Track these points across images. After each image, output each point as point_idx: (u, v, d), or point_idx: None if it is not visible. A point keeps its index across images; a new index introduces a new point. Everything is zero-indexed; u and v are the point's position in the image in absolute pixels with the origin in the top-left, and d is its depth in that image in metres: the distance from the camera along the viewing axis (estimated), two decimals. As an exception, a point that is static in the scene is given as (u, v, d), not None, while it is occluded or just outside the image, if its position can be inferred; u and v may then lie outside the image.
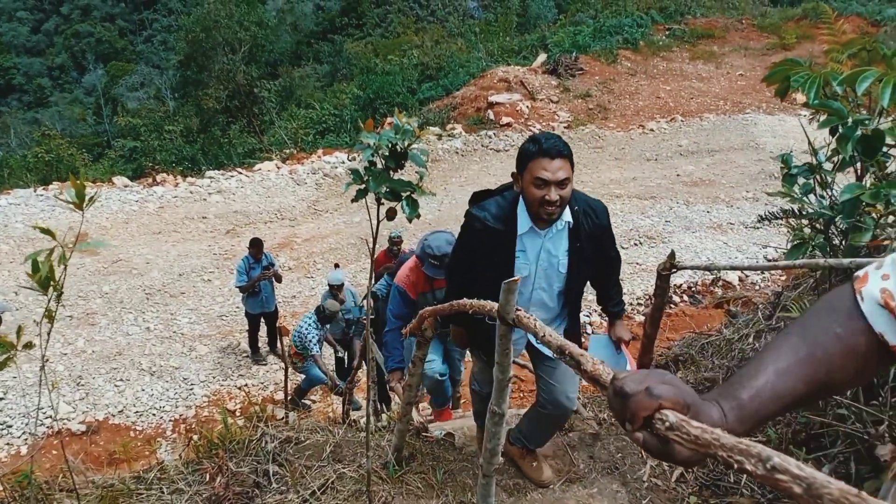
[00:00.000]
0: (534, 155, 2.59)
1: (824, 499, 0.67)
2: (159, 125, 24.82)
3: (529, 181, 2.61)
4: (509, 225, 2.77)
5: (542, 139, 2.62)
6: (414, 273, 4.22)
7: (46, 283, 2.01)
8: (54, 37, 57.50)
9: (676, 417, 0.88)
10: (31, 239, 11.31)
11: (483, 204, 2.85)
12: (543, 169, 2.57)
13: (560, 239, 2.84)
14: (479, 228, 2.79)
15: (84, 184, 2.07)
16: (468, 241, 2.89)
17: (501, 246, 2.78)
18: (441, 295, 3.85)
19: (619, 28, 22.01)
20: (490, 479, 2.27)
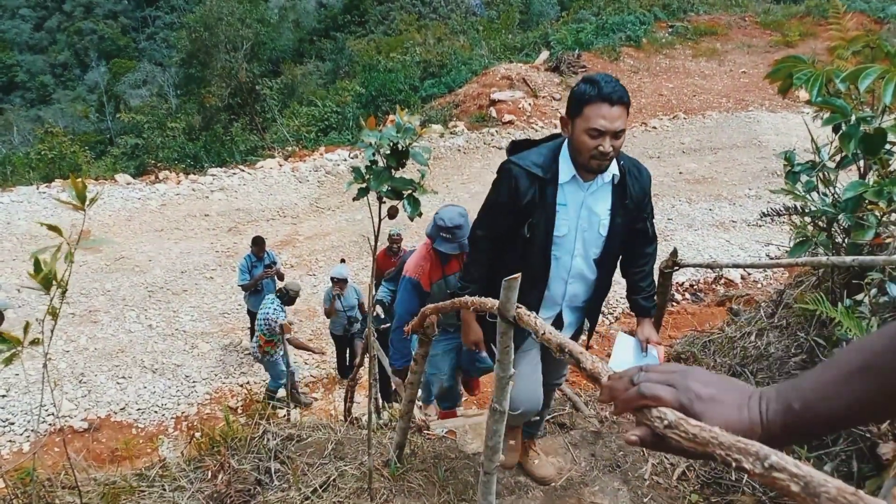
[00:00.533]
0: (591, 99, 2.30)
1: (822, 497, 0.66)
2: (162, 122, 24.83)
3: (583, 128, 2.33)
4: (550, 171, 2.50)
5: (602, 81, 2.31)
6: (426, 260, 4.04)
7: (48, 282, 2.01)
8: (57, 34, 57.53)
9: (675, 416, 0.88)
10: (33, 236, 11.33)
11: (522, 153, 2.58)
12: (601, 116, 2.29)
13: (604, 195, 2.57)
14: (517, 174, 2.50)
15: (85, 183, 2.07)
16: (502, 191, 2.56)
17: (541, 196, 2.50)
18: (455, 282, 3.66)
19: (622, 25, 21.97)
20: (491, 477, 2.27)
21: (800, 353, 3.32)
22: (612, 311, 9.37)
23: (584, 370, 1.09)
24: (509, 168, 2.54)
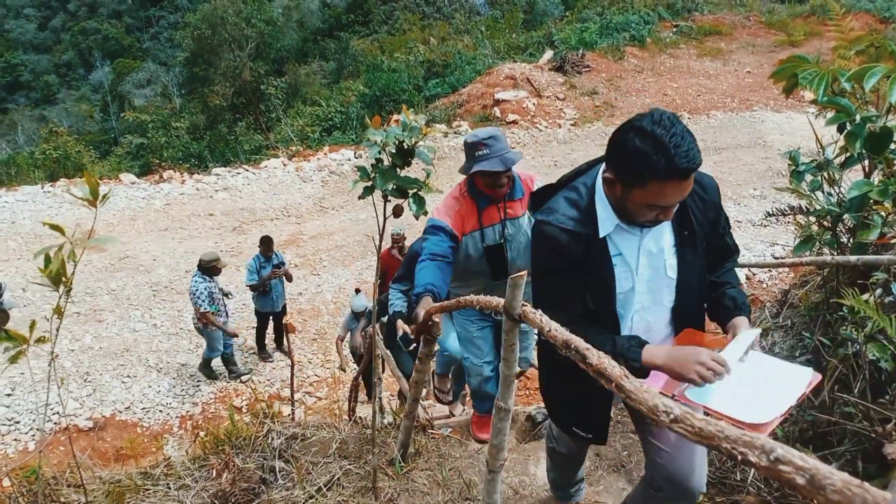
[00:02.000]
0: (661, 175, 1.77)
1: (827, 490, 0.67)
2: (166, 122, 24.90)
3: (643, 201, 1.86)
4: (591, 224, 2.03)
5: (673, 148, 1.74)
6: (459, 201, 3.31)
7: (58, 278, 2.02)
8: (61, 34, 57.70)
9: (680, 410, 0.88)
10: (38, 236, 11.37)
11: (549, 205, 2.12)
12: (671, 195, 1.83)
13: (662, 231, 2.09)
14: (553, 234, 2.04)
15: (98, 181, 2.08)
16: (548, 257, 2.09)
17: (589, 253, 2.04)
18: (493, 237, 3.29)
19: (626, 25, 21.95)
20: (496, 476, 2.27)
21: (805, 353, 3.31)
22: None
23: (590, 366, 1.09)
24: (541, 231, 2.07)
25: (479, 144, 3.15)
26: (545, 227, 2.05)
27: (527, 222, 3.33)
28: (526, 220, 3.34)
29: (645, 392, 0.96)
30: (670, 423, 0.88)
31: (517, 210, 3.35)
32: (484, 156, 3.14)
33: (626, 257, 2.07)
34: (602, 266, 2.04)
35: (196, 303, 7.59)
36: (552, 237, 2.03)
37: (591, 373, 1.17)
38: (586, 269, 2.05)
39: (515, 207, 3.34)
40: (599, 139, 15.92)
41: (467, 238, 3.29)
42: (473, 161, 3.18)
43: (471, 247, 3.30)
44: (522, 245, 3.35)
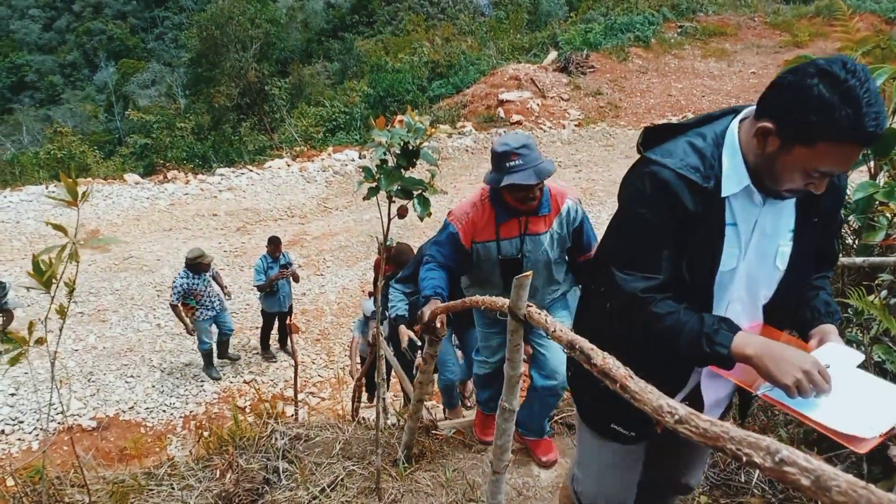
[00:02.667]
0: (840, 134, 1.45)
1: (832, 491, 0.66)
2: (171, 122, 24.95)
3: (804, 164, 1.53)
4: (713, 178, 1.67)
5: (865, 107, 1.42)
6: (477, 208, 3.11)
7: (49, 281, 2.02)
8: (66, 34, 57.83)
9: (685, 410, 0.88)
10: (42, 235, 11.39)
11: (666, 147, 1.74)
12: (840, 161, 1.52)
13: (784, 210, 1.74)
14: (666, 180, 1.66)
15: (76, 181, 2.08)
16: (650, 204, 1.69)
17: (702, 213, 1.67)
18: (510, 250, 3.11)
19: (631, 26, 21.93)
20: (500, 477, 2.27)
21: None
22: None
23: (594, 367, 1.09)
24: (651, 173, 1.69)
25: (512, 154, 2.84)
26: (658, 168, 1.68)
27: (548, 241, 3.11)
28: (548, 239, 3.11)
29: (650, 393, 0.96)
30: (675, 424, 0.87)
31: (540, 227, 3.09)
32: (517, 167, 2.84)
33: (739, 230, 1.71)
34: (713, 232, 1.69)
35: (171, 294, 7.82)
36: (664, 181, 1.66)
37: (595, 373, 1.17)
38: (693, 231, 1.68)
39: (539, 224, 3.09)
40: (604, 140, 15.91)
41: (479, 246, 3.10)
42: (503, 173, 2.86)
43: (484, 255, 3.13)
44: (541, 263, 3.14)
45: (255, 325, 9.41)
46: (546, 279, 3.25)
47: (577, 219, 3.16)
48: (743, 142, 1.68)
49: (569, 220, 3.14)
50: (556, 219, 3.12)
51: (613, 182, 13.38)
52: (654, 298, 1.68)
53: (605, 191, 12.99)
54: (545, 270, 3.20)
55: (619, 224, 1.83)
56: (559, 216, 3.12)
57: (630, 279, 1.70)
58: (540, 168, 2.88)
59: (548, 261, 3.15)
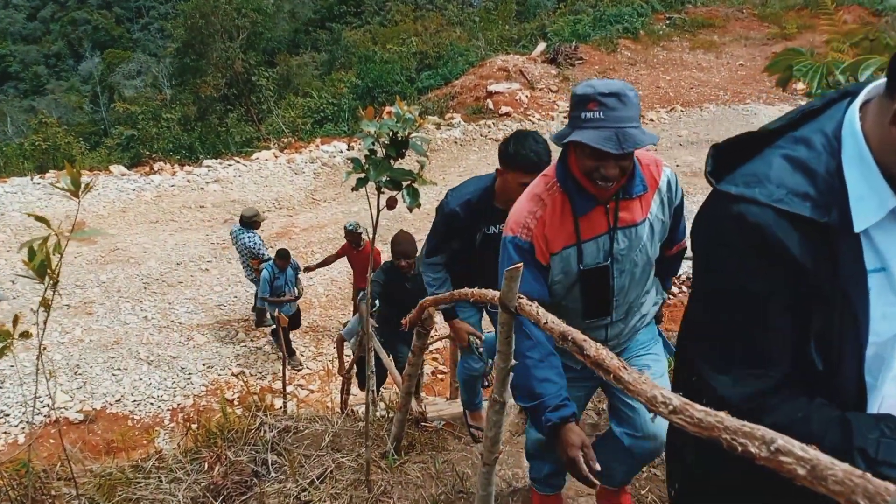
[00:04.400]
0: None
1: (829, 480, 0.66)
2: (157, 113, 24.74)
3: None
4: (833, 210, 1.13)
5: None
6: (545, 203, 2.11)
7: (42, 270, 2.00)
8: (50, 24, 57.20)
9: (680, 401, 0.87)
10: (27, 227, 11.28)
11: (752, 170, 1.21)
12: None
13: None
14: (762, 224, 1.14)
15: (80, 171, 2.05)
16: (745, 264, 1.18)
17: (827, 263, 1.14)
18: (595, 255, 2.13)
19: (619, 17, 21.92)
20: (490, 468, 2.27)
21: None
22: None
23: (587, 357, 1.08)
24: (745, 215, 1.16)
25: (592, 102, 1.88)
26: (746, 207, 1.14)
27: (647, 232, 2.16)
28: (647, 230, 2.15)
29: (644, 383, 0.95)
30: (669, 413, 0.87)
31: (635, 214, 2.13)
32: (593, 122, 1.87)
33: (892, 274, 1.15)
34: (849, 288, 1.13)
35: (257, 252, 8.37)
36: (759, 227, 1.12)
37: (587, 364, 1.16)
38: (816, 293, 1.14)
39: (633, 209, 2.13)
40: (592, 132, 15.91)
41: (555, 259, 2.11)
42: (575, 126, 1.93)
43: (559, 271, 2.13)
44: (638, 268, 2.20)
45: (243, 318, 9.38)
46: (641, 290, 2.30)
47: (677, 193, 2.26)
48: (874, 139, 1.11)
49: (670, 198, 2.23)
50: (656, 197, 2.18)
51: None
52: (771, 404, 1.16)
53: (594, 182, 13.01)
54: (642, 277, 2.26)
55: (704, 298, 1.30)
56: (658, 193, 2.18)
57: (732, 383, 1.18)
58: (626, 134, 1.85)
59: (647, 262, 2.22)
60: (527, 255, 2.08)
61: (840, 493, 0.63)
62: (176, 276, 10.41)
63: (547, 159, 2.79)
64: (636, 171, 2.11)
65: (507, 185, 2.93)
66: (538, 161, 2.76)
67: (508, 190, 2.88)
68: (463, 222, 3.15)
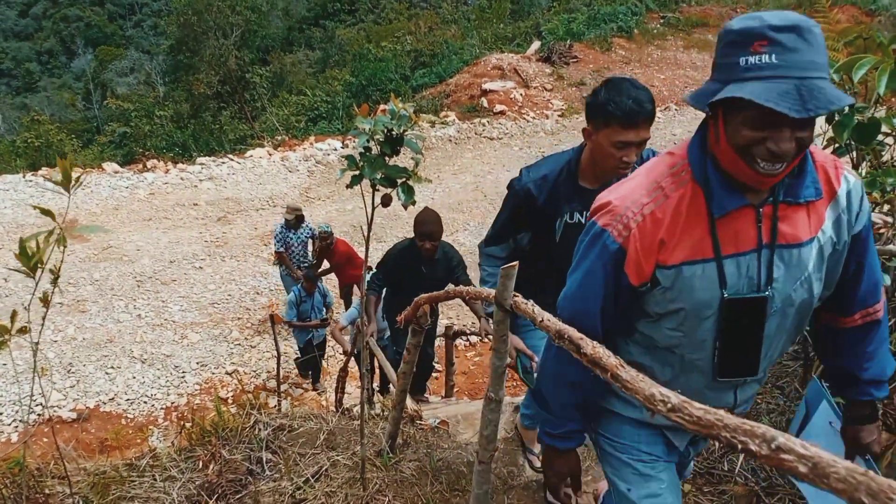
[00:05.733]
0: None
1: (831, 478, 0.66)
2: (150, 110, 24.64)
3: None
4: None
5: None
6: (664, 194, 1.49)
7: (35, 266, 1.99)
8: (43, 21, 56.91)
9: (678, 399, 0.87)
10: (20, 225, 11.22)
11: None
12: None
13: None
14: None
15: (71, 165, 2.04)
16: None
17: None
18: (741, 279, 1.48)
19: (614, 16, 21.94)
20: (486, 466, 2.27)
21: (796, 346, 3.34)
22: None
23: (584, 356, 1.08)
24: None
25: (758, 38, 1.29)
26: None
27: (815, 259, 1.50)
28: (815, 255, 1.49)
29: (641, 382, 0.95)
30: (668, 412, 0.87)
31: (800, 228, 1.48)
32: (760, 68, 1.28)
33: None
34: None
35: None
36: None
37: (584, 363, 1.16)
38: None
39: (798, 222, 1.48)
40: (586, 130, 15.93)
41: (665, 276, 1.48)
42: (729, 77, 1.33)
43: (685, 293, 1.48)
44: (792, 311, 1.54)
45: (237, 316, 9.36)
46: (787, 345, 1.66)
47: (861, 215, 1.56)
48: None
49: (849, 219, 1.54)
50: (830, 211, 1.52)
51: (596, 172, 13.42)
52: None
53: (588, 181, 13.02)
54: (794, 328, 1.60)
55: None
56: (835, 205, 1.52)
57: None
58: (813, 87, 1.25)
59: (806, 306, 1.56)
60: (609, 262, 1.50)
61: (843, 491, 0.63)
62: (169, 275, 10.38)
63: (652, 109, 2.18)
64: (807, 167, 1.48)
65: (598, 151, 2.25)
66: (639, 109, 2.13)
67: (600, 157, 2.26)
68: (538, 206, 2.44)
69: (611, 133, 2.15)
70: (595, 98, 2.21)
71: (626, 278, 1.49)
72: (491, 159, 14.57)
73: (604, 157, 2.22)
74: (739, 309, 1.47)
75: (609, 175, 2.05)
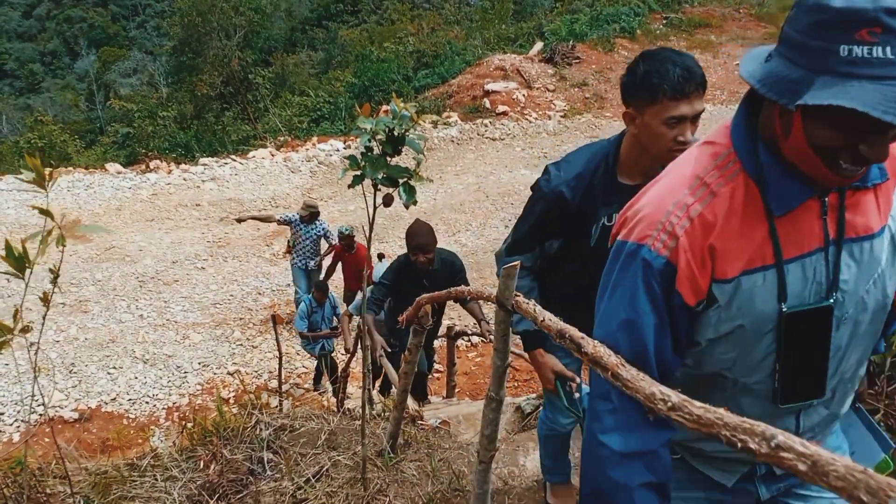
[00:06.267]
0: None
1: (830, 476, 0.65)
2: (153, 111, 24.70)
3: None
4: None
5: None
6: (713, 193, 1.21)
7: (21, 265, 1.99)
8: (46, 22, 57.04)
9: (679, 398, 0.87)
10: (23, 225, 11.24)
11: None
12: None
13: None
14: None
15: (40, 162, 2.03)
16: None
17: None
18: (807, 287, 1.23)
19: (616, 16, 21.94)
20: (487, 466, 2.26)
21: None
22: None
23: (585, 355, 1.07)
24: None
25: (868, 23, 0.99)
26: None
27: (889, 251, 1.28)
28: (887, 247, 1.28)
29: (642, 381, 0.95)
30: (668, 410, 0.86)
31: (870, 216, 1.26)
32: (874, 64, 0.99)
33: None
34: None
35: None
36: None
37: (585, 362, 1.15)
38: None
39: (866, 208, 1.26)
40: (589, 131, 15.93)
41: (723, 291, 1.22)
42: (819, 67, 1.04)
43: (745, 309, 1.23)
44: (867, 316, 1.30)
45: (238, 317, 9.36)
46: (862, 355, 1.37)
47: None
48: None
49: None
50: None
51: (599, 173, 13.40)
52: None
53: (591, 182, 13.00)
54: (869, 333, 1.34)
55: None
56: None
57: None
58: None
59: (881, 306, 1.32)
60: (656, 283, 1.21)
61: (842, 489, 0.62)
62: (172, 275, 10.39)
63: (703, 74, 1.89)
64: None
65: (646, 135, 1.90)
66: (689, 75, 1.82)
67: (650, 141, 1.90)
68: (571, 210, 2.09)
69: (660, 109, 1.81)
70: (633, 74, 1.89)
71: (681, 298, 1.19)
72: (493, 160, 14.56)
73: (654, 141, 1.87)
74: (799, 319, 1.21)
75: (663, 161, 1.69)
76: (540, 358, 2.25)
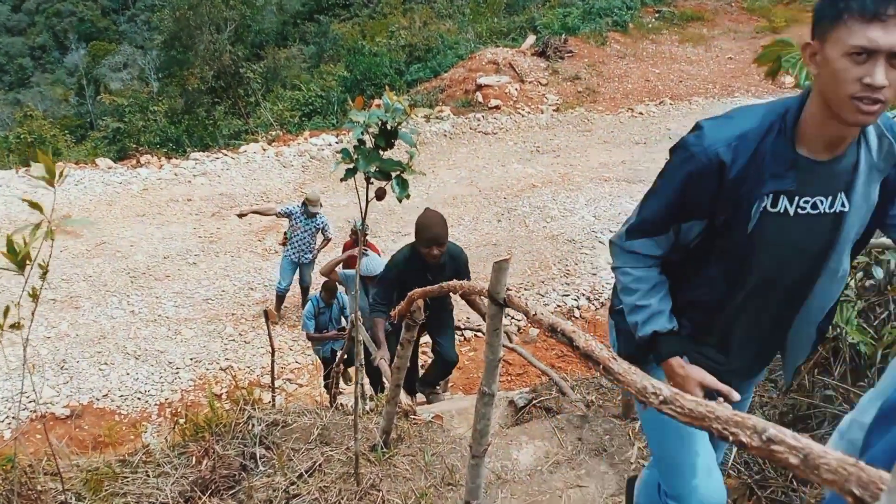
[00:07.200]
0: None
1: (821, 469, 0.65)
2: (143, 106, 24.54)
3: None
4: None
5: None
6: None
7: (22, 262, 1.97)
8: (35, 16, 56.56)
9: (670, 391, 0.87)
10: (13, 221, 11.16)
11: None
12: None
13: None
14: None
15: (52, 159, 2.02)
16: None
17: None
18: None
19: (609, 10, 21.92)
20: (479, 461, 2.26)
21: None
22: (598, 296, 9.39)
23: (577, 349, 1.07)
24: None
25: None
26: None
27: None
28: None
29: (633, 374, 0.94)
30: (660, 404, 0.86)
31: None
32: None
33: None
34: None
35: None
36: None
37: (577, 356, 1.15)
38: None
39: None
40: (581, 125, 15.92)
41: None
42: None
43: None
44: None
45: (231, 312, 9.33)
46: None
47: None
48: None
49: None
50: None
51: (591, 167, 13.42)
52: None
53: (583, 176, 13.02)
54: None
55: None
56: None
57: None
58: None
59: None
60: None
61: (834, 482, 0.62)
62: (163, 270, 10.35)
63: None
64: None
65: (827, 78, 1.38)
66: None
67: (830, 87, 1.37)
68: (729, 179, 1.56)
69: (844, 34, 1.30)
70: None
71: None
72: (486, 154, 14.54)
73: (835, 85, 1.35)
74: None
75: (849, 120, 1.32)
76: (680, 370, 1.65)
